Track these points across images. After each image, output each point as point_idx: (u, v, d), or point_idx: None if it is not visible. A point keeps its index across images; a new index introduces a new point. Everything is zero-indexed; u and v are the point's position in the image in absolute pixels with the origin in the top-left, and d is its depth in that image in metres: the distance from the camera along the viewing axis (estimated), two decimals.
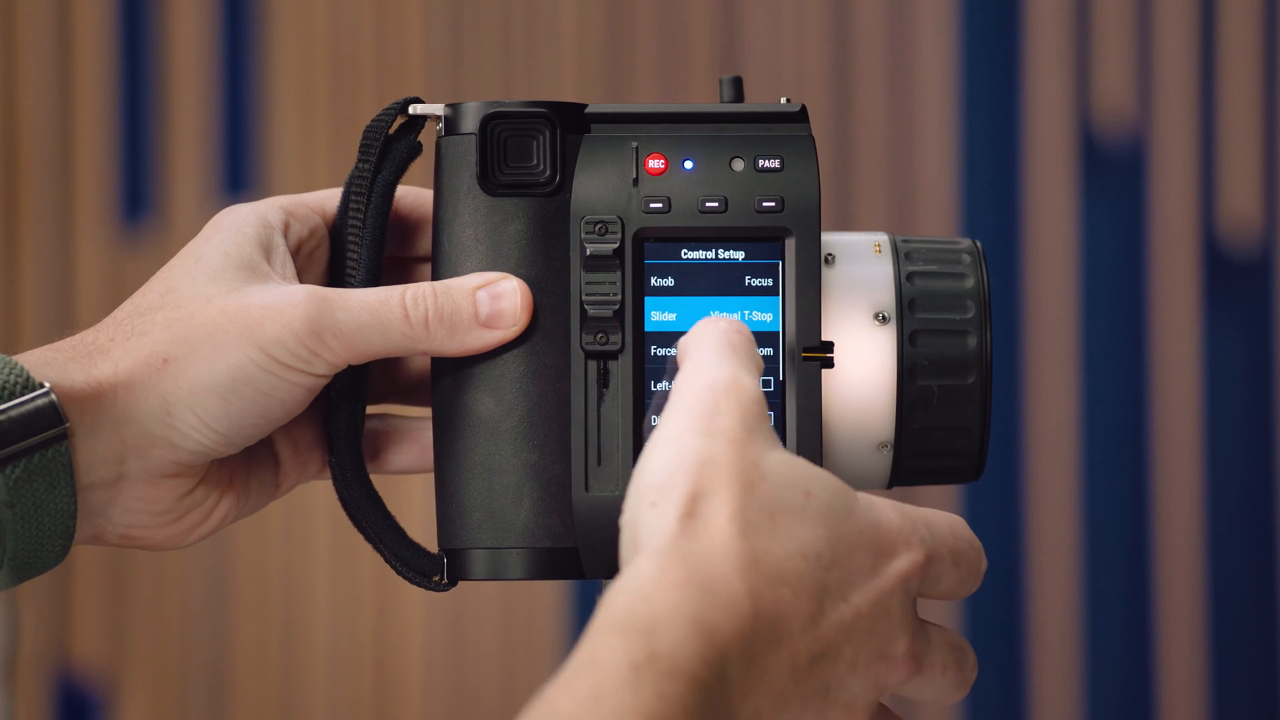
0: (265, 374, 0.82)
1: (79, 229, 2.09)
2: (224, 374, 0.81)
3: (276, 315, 0.81)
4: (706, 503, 0.71)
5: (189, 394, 0.81)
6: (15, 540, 0.79)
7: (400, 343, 0.83)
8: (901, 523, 0.74)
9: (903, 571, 0.73)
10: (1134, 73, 1.90)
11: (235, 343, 0.81)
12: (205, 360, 0.81)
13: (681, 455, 0.72)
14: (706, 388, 0.73)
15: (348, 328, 0.82)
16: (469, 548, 0.85)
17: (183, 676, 2.07)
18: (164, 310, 0.82)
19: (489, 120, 0.84)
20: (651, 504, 0.71)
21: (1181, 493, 1.89)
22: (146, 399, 0.81)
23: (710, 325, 0.77)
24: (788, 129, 0.85)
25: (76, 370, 0.81)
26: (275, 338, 0.81)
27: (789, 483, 0.72)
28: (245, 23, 2.07)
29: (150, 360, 0.81)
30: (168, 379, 0.81)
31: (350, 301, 0.83)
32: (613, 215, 0.84)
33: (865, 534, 0.73)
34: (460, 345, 0.84)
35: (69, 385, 0.80)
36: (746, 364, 0.75)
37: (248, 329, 0.81)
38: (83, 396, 0.80)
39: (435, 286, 0.84)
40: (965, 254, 0.86)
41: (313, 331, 0.82)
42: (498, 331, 0.84)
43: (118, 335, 0.82)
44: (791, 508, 0.72)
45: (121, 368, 0.81)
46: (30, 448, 0.79)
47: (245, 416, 0.82)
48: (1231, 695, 1.89)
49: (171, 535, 0.85)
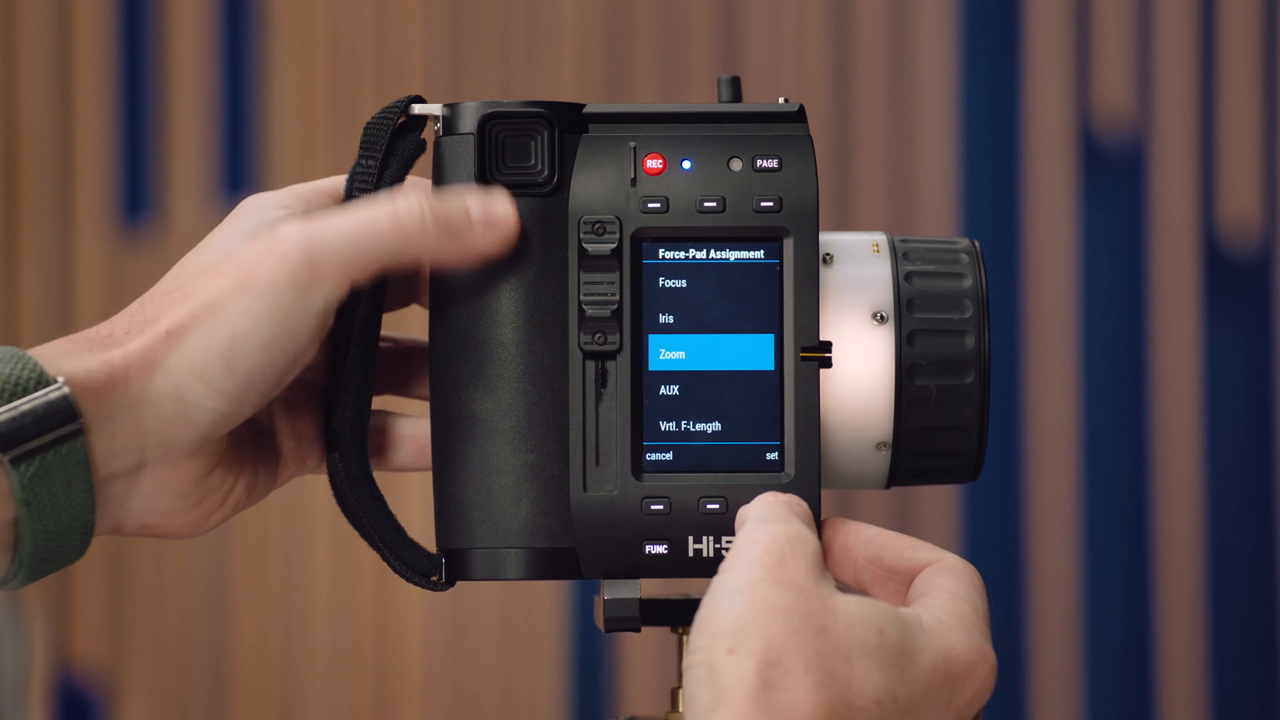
0: (265, 323, 0.80)
1: (79, 229, 2.09)
2: (223, 332, 0.80)
3: (267, 256, 0.80)
4: (784, 651, 0.73)
5: (191, 361, 0.80)
6: (33, 538, 0.78)
7: (395, 252, 0.82)
8: (969, 644, 0.77)
9: (975, 694, 0.77)
10: (1134, 73, 1.90)
11: (231, 298, 0.80)
12: (203, 324, 0.80)
13: (755, 602, 0.74)
14: (772, 540, 0.77)
15: (340, 248, 0.81)
16: (467, 548, 0.85)
17: (183, 676, 2.07)
18: (170, 293, 0.82)
19: (487, 120, 0.84)
20: (729, 650, 0.73)
21: (1181, 493, 1.89)
22: (157, 379, 0.80)
23: (769, 494, 0.81)
24: (786, 129, 0.85)
25: (91, 360, 0.80)
26: (269, 281, 0.80)
27: (860, 622, 0.75)
28: (245, 23, 2.07)
29: (156, 338, 0.80)
30: (172, 352, 0.80)
31: (337, 222, 0.81)
32: (611, 215, 0.84)
33: (939, 668, 0.76)
34: (459, 250, 0.82)
35: (83, 375, 0.79)
36: (805, 521, 0.79)
37: (241, 281, 0.80)
38: (99, 386, 0.79)
39: (426, 190, 0.83)
40: (963, 254, 0.86)
41: (306, 263, 0.80)
42: (494, 234, 0.83)
43: (133, 325, 0.81)
44: (866, 648, 0.75)
45: (132, 351, 0.80)
46: (45, 445, 0.78)
47: (251, 373, 0.81)
48: (1231, 695, 1.88)
49: (190, 521, 0.84)
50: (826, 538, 0.83)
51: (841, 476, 0.85)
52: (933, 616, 0.77)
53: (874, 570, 0.81)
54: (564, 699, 2.01)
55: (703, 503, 0.83)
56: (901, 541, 0.81)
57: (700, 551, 0.83)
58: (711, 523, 0.83)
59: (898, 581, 0.81)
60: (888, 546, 0.81)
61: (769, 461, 0.83)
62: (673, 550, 0.83)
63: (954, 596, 0.78)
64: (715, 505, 0.83)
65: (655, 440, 0.83)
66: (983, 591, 0.79)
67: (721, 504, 0.83)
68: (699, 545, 0.83)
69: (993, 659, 0.77)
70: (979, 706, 0.77)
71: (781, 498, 0.80)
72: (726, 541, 0.83)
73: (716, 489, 0.83)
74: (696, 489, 0.83)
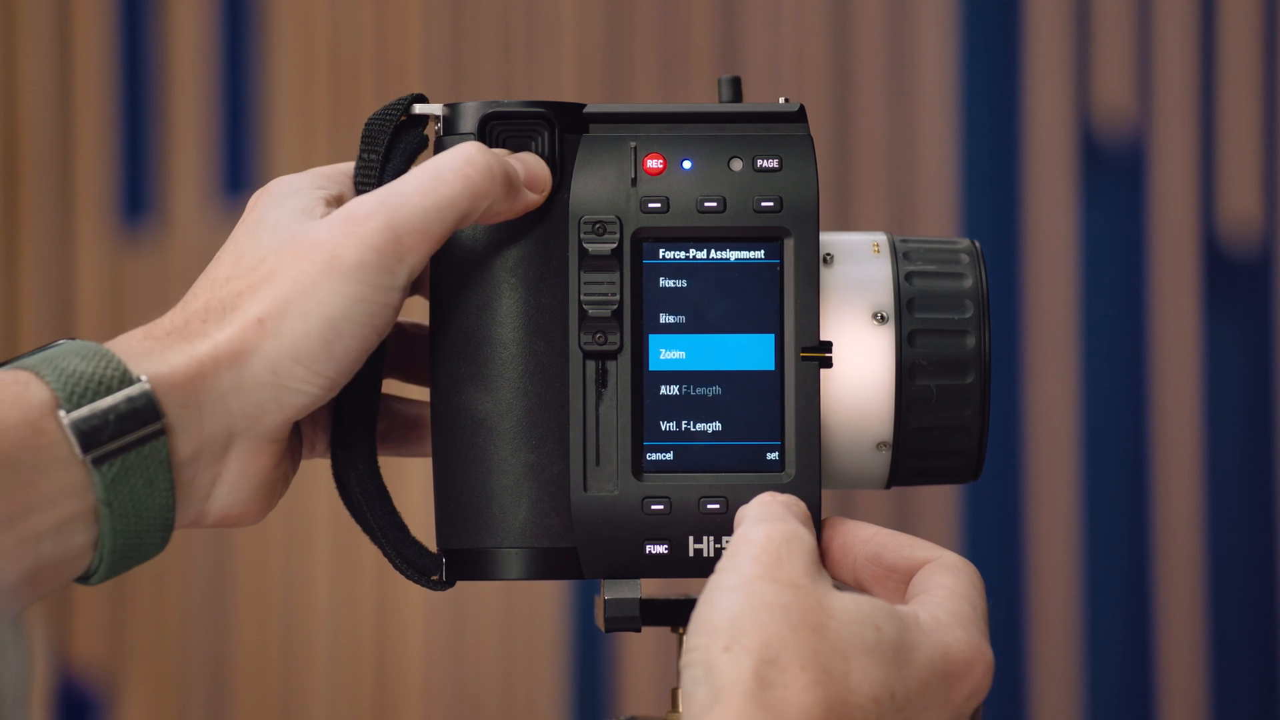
0: (358, 303, 0.80)
1: (79, 229, 2.09)
2: (321, 316, 0.80)
3: (349, 237, 0.80)
4: (780, 649, 0.74)
5: (291, 347, 0.80)
6: (113, 537, 0.78)
7: (467, 208, 0.81)
8: (967, 641, 0.77)
9: (972, 691, 0.77)
10: (1134, 73, 1.90)
11: (320, 281, 0.80)
12: (298, 310, 0.80)
13: (751, 600, 0.75)
14: (769, 539, 0.77)
15: (418, 217, 0.81)
16: (467, 547, 0.85)
17: (183, 676, 2.07)
18: (242, 277, 0.81)
19: (487, 120, 0.84)
20: (725, 648, 0.74)
21: (1181, 493, 1.89)
22: (252, 366, 0.80)
23: (766, 494, 0.81)
24: (786, 129, 0.85)
25: (176, 355, 0.79)
26: (357, 260, 0.80)
27: (857, 619, 0.75)
28: (245, 23, 2.07)
29: (246, 327, 0.80)
30: (267, 339, 0.79)
31: (408, 193, 0.81)
32: (611, 215, 0.84)
33: (936, 665, 0.76)
34: (512, 205, 0.83)
35: (169, 372, 0.79)
36: (803, 520, 0.80)
37: (327, 263, 0.80)
38: (185, 380, 0.79)
39: (478, 145, 0.83)
40: (964, 254, 0.86)
41: (391, 238, 0.80)
42: (536, 195, 0.84)
43: (209, 313, 0.80)
44: (863, 645, 0.75)
45: (220, 341, 0.79)
46: (126, 445, 0.77)
47: (349, 354, 0.81)
48: (1231, 695, 1.88)
49: (264, 508, 0.83)
50: (826, 536, 0.83)
51: (842, 476, 0.85)
52: (930, 614, 0.77)
53: (873, 568, 0.81)
54: (564, 699, 2.01)
55: (703, 503, 0.83)
56: (900, 540, 0.82)
57: (701, 551, 0.83)
58: (712, 523, 0.83)
59: (896, 580, 0.81)
60: (887, 545, 0.82)
61: (769, 461, 0.83)
62: (673, 550, 0.83)
63: (952, 594, 0.78)
64: (716, 505, 0.83)
65: (656, 440, 0.84)
66: (981, 589, 0.79)
67: (722, 504, 0.83)
68: (699, 545, 0.83)
69: (990, 656, 0.77)
70: (976, 704, 0.77)
71: (779, 498, 0.80)
72: (727, 541, 0.83)
73: (717, 489, 0.83)
74: (697, 489, 0.83)
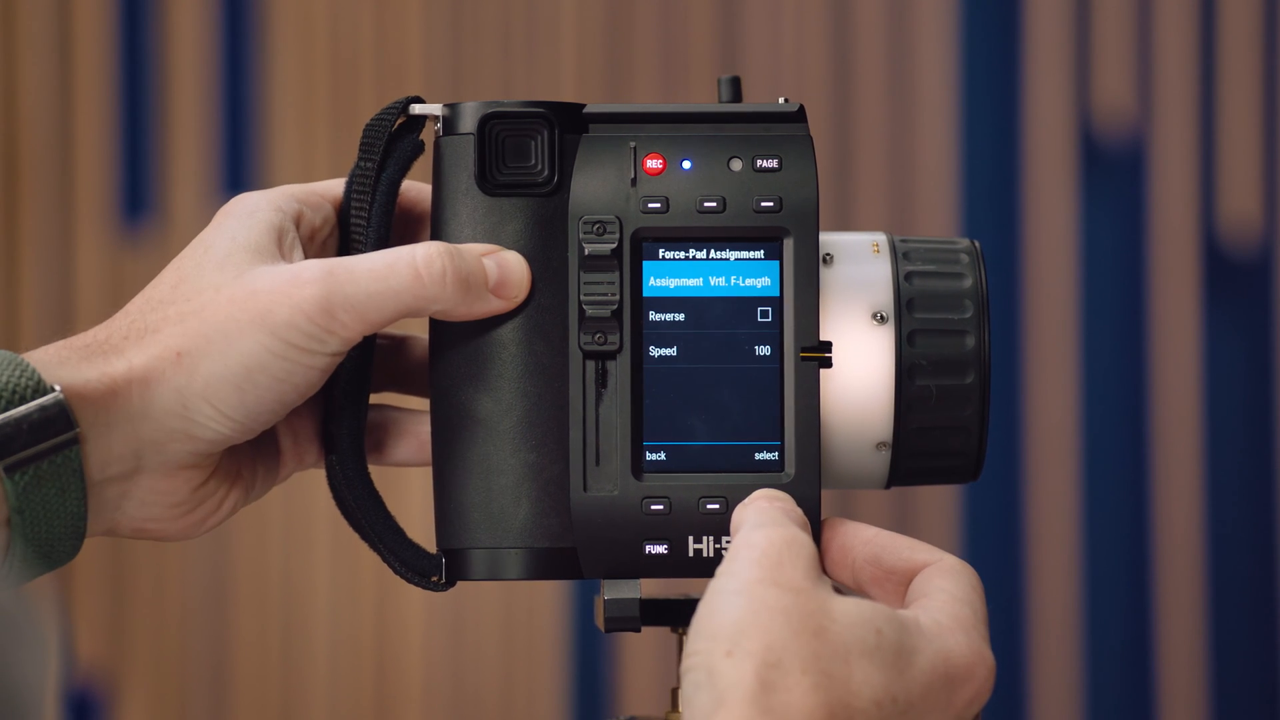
0: (279, 360, 0.81)
1: (79, 229, 2.09)
2: (238, 364, 0.81)
3: (286, 298, 0.81)
4: (783, 653, 0.74)
5: (204, 386, 0.81)
6: (24, 544, 0.79)
7: (412, 305, 0.82)
8: (968, 645, 0.77)
9: (973, 695, 0.77)
10: (1134, 73, 1.90)
11: (248, 331, 0.81)
12: (219, 351, 0.81)
13: (753, 604, 0.75)
14: (769, 543, 0.77)
15: (359, 299, 0.81)
16: (467, 548, 0.85)
17: (183, 676, 2.07)
18: (175, 304, 0.82)
19: (487, 120, 0.84)
20: (727, 653, 0.74)
21: (1181, 493, 1.89)
22: (162, 395, 0.81)
23: (762, 495, 0.81)
24: (786, 129, 0.85)
25: (90, 369, 0.80)
26: (287, 321, 0.81)
27: (858, 623, 0.75)
28: (245, 23, 2.07)
29: (164, 355, 0.81)
30: (182, 373, 0.81)
31: (358, 272, 0.82)
32: (611, 215, 0.84)
33: (938, 669, 0.76)
34: (470, 309, 0.83)
35: (81, 385, 0.80)
36: (800, 525, 0.79)
37: (258, 315, 0.81)
38: (96, 396, 0.80)
39: (445, 247, 0.83)
40: (963, 254, 0.86)
41: (324, 310, 0.81)
42: (503, 301, 0.84)
43: (131, 332, 0.82)
44: (865, 649, 0.75)
45: (136, 364, 0.81)
46: (40, 453, 0.78)
47: (261, 403, 0.82)
48: (1231, 695, 1.88)
49: (185, 527, 0.84)
50: (825, 538, 0.83)
51: (841, 476, 0.85)
52: (931, 618, 0.77)
53: (872, 570, 0.81)
54: (564, 699, 2.01)
55: (703, 503, 0.83)
56: (900, 542, 0.82)
57: (700, 551, 0.83)
58: (711, 523, 0.83)
59: (895, 582, 0.81)
60: (886, 547, 0.82)
61: (769, 461, 0.83)
62: (673, 550, 0.83)
63: (952, 598, 0.78)
64: (715, 505, 0.83)
65: (655, 440, 0.83)
66: (981, 593, 0.79)
67: (721, 504, 0.83)
68: (699, 545, 0.83)
69: (991, 661, 0.77)
70: (978, 709, 0.77)
71: (776, 501, 0.80)
72: (726, 541, 0.83)
73: (716, 489, 0.83)
74: (696, 489, 0.83)
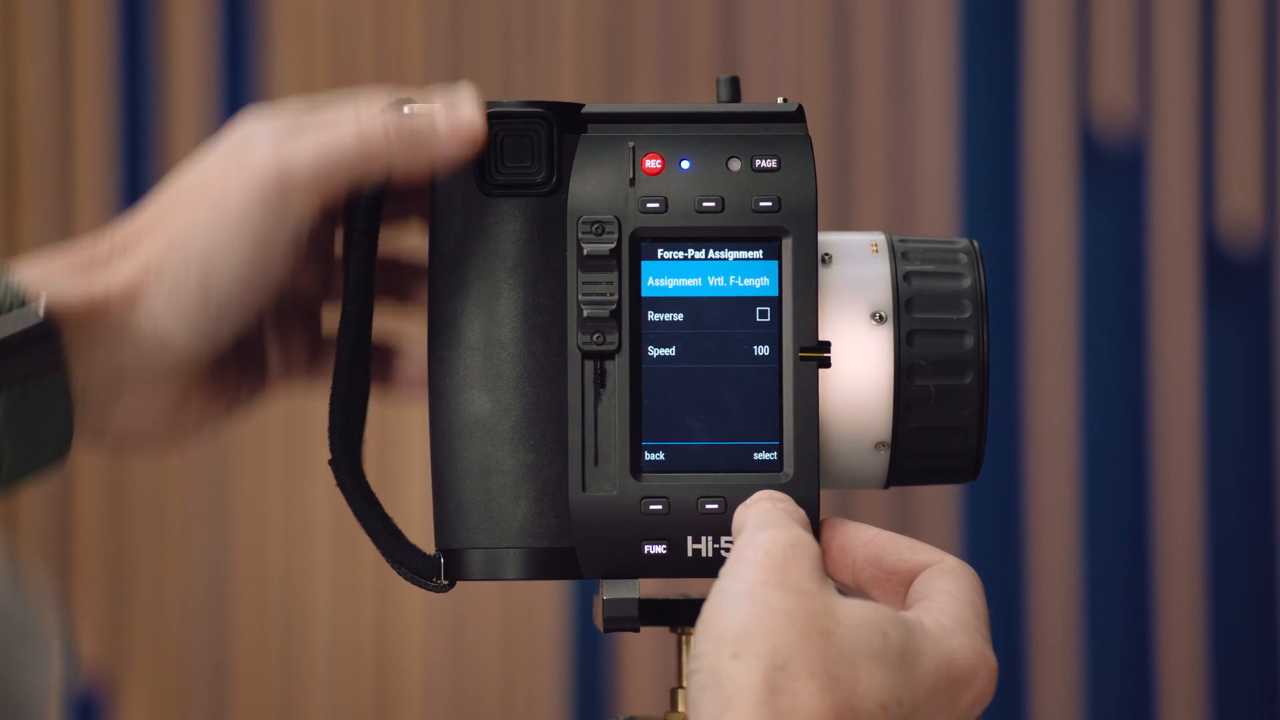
0: (237, 248, 0.80)
1: (79, 229, 2.09)
2: (198, 260, 0.80)
3: (234, 181, 0.80)
4: (790, 656, 0.73)
5: (169, 295, 0.80)
6: (11, 458, 0.79)
7: (363, 166, 0.81)
8: (971, 647, 0.77)
9: (976, 697, 0.77)
10: (1134, 73, 1.90)
11: (202, 224, 0.80)
12: (178, 253, 0.80)
13: (759, 607, 0.74)
14: (774, 544, 0.77)
15: (307, 168, 0.80)
16: (466, 548, 0.85)
17: (183, 676, 2.07)
18: (151, 216, 0.82)
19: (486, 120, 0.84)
20: (734, 655, 0.73)
21: (1181, 493, 1.89)
22: (136, 312, 0.80)
23: (763, 496, 0.81)
24: (785, 129, 0.85)
25: (73, 285, 0.80)
26: (239, 204, 0.80)
27: (863, 625, 0.75)
28: (245, 23, 2.07)
29: (135, 273, 0.81)
30: (150, 284, 0.80)
31: (302, 143, 0.81)
32: (609, 215, 0.84)
33: (942, 671, 0.76)
34: (427, 160, 0.82)
35: (65, 300, 0.79)
36: (803, 526, 0.79)
37: (211, 206, 0.80)
38: (80, 315, 0.80)
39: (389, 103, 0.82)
40: (962, 254, 0.86)
41: (277, 184, 0.80)
42: (460, 140, 0.82)
43: (114, 246, 0.82)
44: (870, 652, 0.74)
45: (113, 283, 0.81)
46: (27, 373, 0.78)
47: (228, 301, 0.81)
48: (1231, 695, 1.88)
49: (170, 436, 0.84)
50: (825, 538, 0.83)
51: (840, 476, 0.85)
52: (934, 620, 0.77)
53: (872, 571, 0.81)
54: (564, 699, 2.01)
55: (701, 503, 0.83)
56: (900, 542, 0.81)
57: (699, 551, 0.83)
58: (710, 523, 0.83)
59: (896, 583, 0.81)
60: (886, 547, 0.81)
61: (768, 461, 0.83)
62: (672, 550, 0.83)
63: (954, 599, 0.78)
64: (714, 505, 0.83)
65: (654, 440, 0.83)
66: (982, 593, 0.79)
67: (720, 504, 0.83)
68: (698, 545, 0.83)
69: (994, 663, 0.77)
70: (980, 710, 0.77)
71: (778, 503, 0.80)
72: (725, 541, 0.83)
73: (715, 489, 0.83)
74: (695, 489, 0.83)
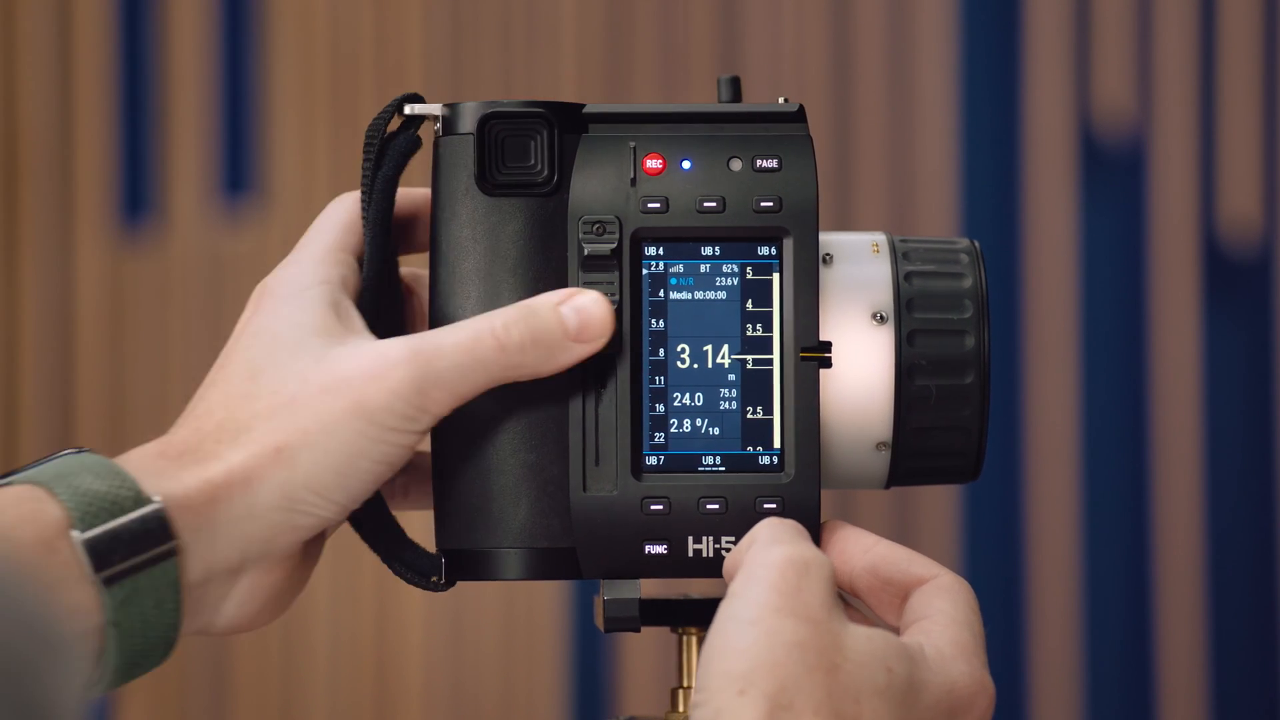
0: (377, 443, 0.81)
1: (79, 229, 2.09)
2: (339, 451, 0.80)
3: (379, 382, 0.81)
4: (795, 693, 0.73)
5: (306, 477, 0.80)
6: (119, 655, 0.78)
7: (499, 375, 0.82)
8: (970, 674, 0.77)
9: None
10: (1134, 73, 1.90)
11: (344, 419, 0.80)
12: (318, 443, 0.80)
13: (769, 639, 0.74)
14: (788, 562, 0.76)
15: (449, 376, 0.81)
16: (467, 548, 0.85)
17: (183, 676, 2.07)
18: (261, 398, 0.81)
19: (486, 120, 0.84)
20: (740, 692, 0.73)
21: (1181, 493, 1.89)
22: (264, 491, 0.80)
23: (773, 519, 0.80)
24: (785, 129, 0.85)
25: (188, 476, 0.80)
26: (384, 406, 0.81)
27: (870, 660, 0.75)
28: (245, 23, 2.07)
29: (262, 452, 0.80)
30: (283, 467, 0.80)
31: (444, 347, 0.81)
32: (610, 215, 0.84)
33: (942, 703, 0.76)
34: (554, 364, 0.83)
35: (182, 494, 0.79)
36: (813, 545, 0.78)
37: (354, 403, 0.80)
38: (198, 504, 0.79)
39: (519, 309, 0.83)
40: (963, 254, 0.86)
41: (418, 390, 0.81)
42: (587, 345, 0.83)
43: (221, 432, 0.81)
44: (875, 688, 0.74)
45: (234, 465, 0.80)
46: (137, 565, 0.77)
47: (363, 485, 0.81)
48: (1231, 695, 1.88)
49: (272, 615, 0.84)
50: (824, 541, 0.83)
51: (841, 477, 0.85)
52: (934, 647, 0.77)
53: (869, 580, 0.81)
54: (564, 699, 2.01)
55: (702, 503, 0.83)
56: (898, 553, 0.81)
57: (700, 551, 0.83)
58: (711, 523, 0.83)
59: (892, 594, 0.81)
60: (885, 557, 0.81)
61: (769, 462, 0.83)
62: (672, 550, 0.83)
63: (952, 621, 0.78)
64: (715, 505, 0.83)
65: (654, 440, 0.83)
66: (978, 611, 0.79)
67: (721, 504, 0.83)
68: (698, 545, 0.83)
69: (992, 689, 0.78)
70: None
71: (788, 521, 0.80)
72: (726, 541, 0.83)
73: (716, 489, 0.83)
74: (696, 489, 0.83)
